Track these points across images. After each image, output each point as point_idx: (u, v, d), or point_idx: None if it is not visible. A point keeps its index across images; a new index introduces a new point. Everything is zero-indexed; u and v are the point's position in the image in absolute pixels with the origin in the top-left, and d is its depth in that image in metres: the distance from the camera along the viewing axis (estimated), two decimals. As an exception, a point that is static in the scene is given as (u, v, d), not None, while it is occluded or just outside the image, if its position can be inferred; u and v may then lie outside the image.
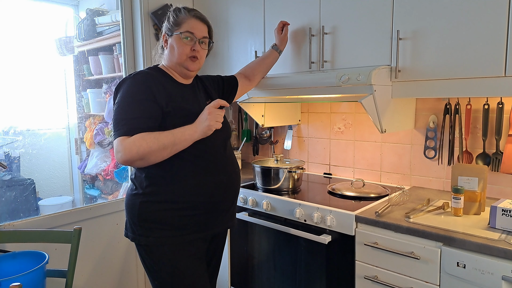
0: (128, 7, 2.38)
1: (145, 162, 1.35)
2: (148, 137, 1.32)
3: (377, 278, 1.58)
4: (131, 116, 1.35)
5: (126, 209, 1.50)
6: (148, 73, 1.47)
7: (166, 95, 1.43)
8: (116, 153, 1.34)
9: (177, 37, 1.50)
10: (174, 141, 1.35)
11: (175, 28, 1.51)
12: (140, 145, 1.31)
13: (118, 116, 1.36)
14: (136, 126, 1.34)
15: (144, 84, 1.41)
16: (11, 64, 2.86)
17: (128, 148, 1.31)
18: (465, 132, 1.86)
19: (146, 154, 1.32)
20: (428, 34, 1.61)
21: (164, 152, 1.35)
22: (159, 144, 1.33)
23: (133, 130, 1.33)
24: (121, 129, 1.34)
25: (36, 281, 1.56)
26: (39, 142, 3.03)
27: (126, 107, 1.37)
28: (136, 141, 1.31)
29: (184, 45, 1.50)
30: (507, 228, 1.38)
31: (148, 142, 1.31)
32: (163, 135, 1.35)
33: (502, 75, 1.44)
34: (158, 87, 1.43)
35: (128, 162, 1.34)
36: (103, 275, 2.32)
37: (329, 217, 1.69)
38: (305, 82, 1.89)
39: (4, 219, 2.12)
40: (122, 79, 1.46)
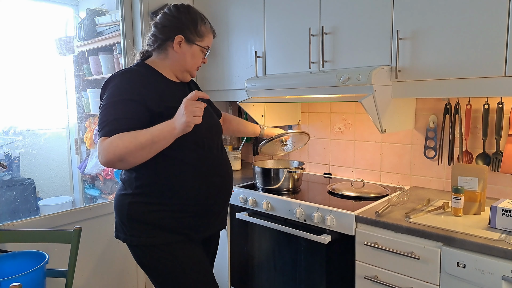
0: (128, 7, 2.38)
1: (125, 163, 1.27)
2: (125, 136, 1.24)
3: (377, 278, 1.58)
4: (113, 117, 1.28)
5: (115, 209, 1.47)
6: (137, 71, 1.40)
7: (157, 95, 1.37)
8: (98, 155, 1.28)
9: (198, 49, 1.47)
10: (152, 140, 1.25)
11: (198, 39, 1.46)
12: (116, 145, 1.23)
13: (102, 117, 1.30)
14: (117, 127, 1.26)
15: (131, 83, 1.34)
16: (11, 64, 2.86)
17: (106, 149, 1.24)
18: (465, 132, 1.86)
19: (124, 155, 1.24)
20: (428, 34, 1.61)
21: (143, 152, 1.26)
22: (136, 143, 1.24)
23: (113, 131, 1.26)
24: (102, 130, 1.28)
25: (36, 281, 1.56)
26: (39, 142, 3.03)
27: (110, 107, 1.31)
28: (113, 141, 1.24)
29: (199, 58, 1.49)
30: (507, 228, 1.38)
31: (124, 141, 1.23)
32: (141, 133, 1.26)
33: (502, 75, 1.44)
34: (147, 87, 1.36)
35: (108, 164, 1.27)
36: (103, 275, 2.32)
37: (329, 217, 1.69)
38: (305, 82, 1.89)
39: (4, 219, 2.12)
40: (109, 76, 1.39)
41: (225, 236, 2.21)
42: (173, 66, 1.48)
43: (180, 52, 1.45)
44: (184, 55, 1.46)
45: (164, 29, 1.45)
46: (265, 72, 2.24)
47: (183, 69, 1.49)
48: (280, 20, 2.13)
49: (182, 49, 1.45)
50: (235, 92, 2.43)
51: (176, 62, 1.47)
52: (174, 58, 1.46)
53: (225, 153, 1.58)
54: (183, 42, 1.44)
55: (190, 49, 1.46)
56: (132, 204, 1.40)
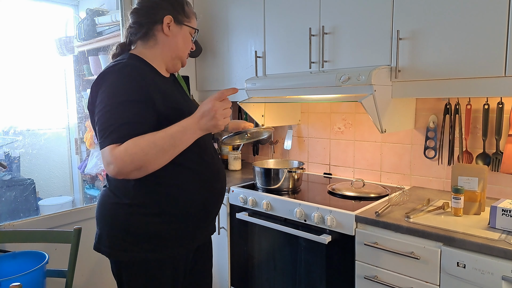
0: (128, 7, 2.38)
1: (142, 172, 1.13)
2: (142, 142, 1.11)
3: (377, 278, 1.58)
4: (121, 121, 1.13)
5: (102, 219, 1.29)
6: (135, 65, 1.23)
7: (162, 95, 1.23)
8: (106, 165, 1.12)
9: (187, 31, 1.35)
10: (175, 143, 1.14)
11: (186, 20, 1.34)
12: (134, 153, 1.09)
13: (106, 121, 1.14)
14: (127, 133, 1.12)
15: (134, 81, 1.18)
16: (11, 64, 2.86)
17: (121, 159, 1.09)
18: (465, 132, 1.86)
19: (144, 163, 1.11)
20: (428, 34, 1.61)
21: (164, 158, 1.14)
22: (157, 149, 1.11)
23: (124, 137, 1.11)
24: (110, 136, 1.12)
25: (36, 281, 1.56)
26: (39, 142, 3.03)
27: (115, 109, 1.14)
28: (128, 149, 1.09)
29: (189, 41, 1.37)
30: (507, 228, 1.38)
31: (143, 148, 1.10)
32: (159, 137, 1.13)
33: (502, 75, 1.44)
34: (151, 85, 1.21)
35: (120, 174, 1.11)
36: (102, 275, 2.32)
37: (329, 217, 1.69)
38: (305, 82, 1.89)
39: (4, 219, 2.12)
40: (103, 71, 1.21)
41: (225, 236, 2.21)
42: (164, 53, 1.33)
43: (171, 35, 1.32)
44: (175, 37, 1.33)
45: (150, 12, 1.31)
46: (265, 72, 2.25)
47: (174, 56, 1.35)
48: (280, 20, 2.13)
49: (172, 31, 1.32)
50: (235, 92, 2.43)
51: (168, 47, 1.33)
52: (165, 43, 1.32)
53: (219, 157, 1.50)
54: (172, 24, 1.31)
55: (180, 30, 1.33)
56: (131, 216, 1.25)
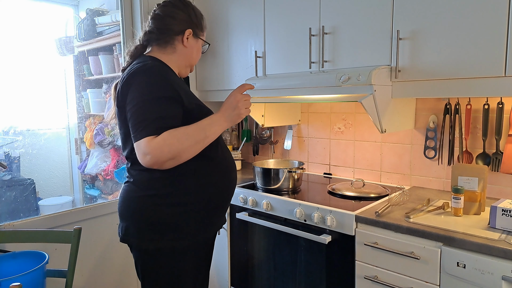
0: (128, 7, 2.38)
1: (176, 161, 1.25)
2: (177, 134, 1.23)
3: (377, 278, 1.58)
4: (156, 115, 1.23)
5: (129, 212, 1.37)
6: (161, 67, 1.35)
7: (185, 92, 1.34)
8: (142, 156, 1.22)
9: (201, 43, 1.51)
10: (206, 135, 1.29)
11: (201, 34, 1.49)
12: (171, 143, 1.21)
13: (140, 115, 1.23)
14: (163, 126, 1.23)
15: (164, 80, 1.29)
16: (11, 64, 2.86)
17: (159, 149, 1.20)
18: (465, 132, 1.86)
19: (179, 153, 1.23)
20: (428, 34, 1.61)
21: (196, 148, 1.28)
22: (191, 140, 1.25)
23: (160, 130, 1.22)
24: (146, 129, 1.21)
25: (36, 281, 1.56)
26: (39, 142, 3.03)
27: (147, 104, 1.24)
28: (166, 139, 1.21)
29: (200, 52, 1.53)
30: (507, 228, 1.38)
31: (179, 139, 1.22)
32: (192, 130, 1.27)
33: (502, 75, 1.44)
34: (177, 84, 1.33)
35: (158, 164, 1.22)
36: (103, 275, 2.32)
37: (329, 217, 1.69)
38: (305, 82, 1.89)
39: (4, 219, 2.12)
40: (132, 71, 1.30)
41: (225, 236, 2.21)
42: (180, 60, 1.46)
43: (188, 46, 1.45)
44: (191, 49, 1.46)
45: (172, 22, 1.42)
46: (265, 72, 2.25)
47: (187, 64, 1.49)
48: (280, 20, 2.13)
49: (190, 43, 1.45)
50: (235, 92, 2.43)
51: (183, 56, 1.46)
52: (182, 53, 1.45)
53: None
54: (190, 36, 1.44)
55: (196, 43, 1.48)
56: (158, 207, 1.33)
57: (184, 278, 1.41)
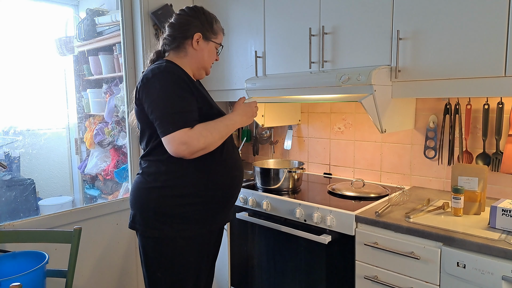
0: (128, 7, 2.38)
1: (205, 151, 1.40)
2: (209, 127, 1.40)
3: (377, 278, 1.58)
4: (183, 109, 1.37)
5: (137, 202, 1.50)
6: (175, 68, 1.47)
7: (198, 92, 1.47)
8: (178, 145, 1.34)
9: (213, 46, 1.59)
10: (227, 131, 1.46)
11: (213, 36, 1.58)
12: (206, 135, 1.37)
13: (166, 110, 1.36)
14: (193, 118, 1.39)
15: (181, 79, 1.42)
16: (11, 64, 2.86)
17: (196, 139, 1.35)
18: (465, 132, 1.86)
19: (210, 144, 1.39)
20: (428, 34, 1.61)
21: (221, 141, 1.45)
22: (219, 134, 1.42)
23: (190, 123, 1.36)
24: (178, 121, 1.35)
25: (36, 281, 1.56)
26: (39, 142, 3.03)
27: (171, 100, 1.37)
28: (202, 131, 1.37)
29: (214, 55, 1.61)
30: (507, 228, 1.38)
31: (212, 132, 1.39)
32: (219, 126, 1.43)
33: (502, 75, 1.44)
34: (191, 84, 1.45)
35: (191, 152, 1.36)
36: (103, 275, 2.32)
37: (329, 217, 1.69)
38: (305, 82, 1.89)
39: (4, 219, 2.12)
40: (150, 72, 1.43)
41: (225, 236, 2.21)
42: (192, 63, 1.56)
43: (198, 49, 1.55)
44: (202, 51, 1.55)
45: (183, 28, 1.53)
46: (265, 72, 2.25)
47: (200, 66, 1.58)
48: (280, 20, 2.13)
49: (200, 46, 1.55)
50: (235, 92, 2.43)
51: (195, 59, 1.56)
52: (193, 56, 1.55)
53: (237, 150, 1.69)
54: (200, 40, 1.54)
55: (207, 46, 1.56)
56: (161, 198, 1.45)
57: (186, 268, 1.51)
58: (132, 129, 2.47)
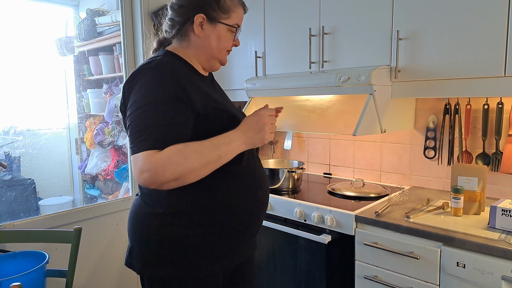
0: (128, 7, 2.38)
1: (179, 183, 1.02)
2: (187, 151, 1.00)
3: (377, 278, 1.58)
4: (160, 123, 1.01)
5: (134, 231, 1.17)
6: (172, 62, 1.12)
7: (200, 93, 1.11)
8: (139, 172, 0.98)
9: (224, 29, 1.19)
10: (220, 155, 1.05)
11: (223, 16, 1.18)
12: (178, 163, 0.98)
13: (141, 123, 1.01)
14: (168, 137, 1.00)
15: (173, 79, 1.06)
16: (11, 64, 2.86)
17: (161, 167, 0.97)
18: (465, 132, 1.86)
19: (186, 173, 1.00)
20: (428, 34, 1.61)
21: (207, 169, 1.04)
22: (202, 160, 1.01)
23: (164, 142, 0.99)
24: (147, 140, 0.99)
25: (36, 281, 1.57)
26: (39, 142, 3.04)
27: (151, 110, 1.02)
28: (172, 157, 0.98)
29: (229, 40, 1.22)
30: (507, 228, 1.38)
31: (188, 159, 0.99)
32: (205, 147, 1.03)
33: (502, 75, 1.44)
34: (189, 82, 1.09)
35: (156, 184, 0.99)
36: (103, 275, 2.32)
37: (329, 217, 1.69)
38: (305, 82, 1.89)
39: (4, 219, 2.12)
40: (137, 69, 1.09)
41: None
42: (198, 54, 1.21)
43: (203, 35, 1.18)
44: (208, 38, 1.18)
45: (181, 10, 1.18)
46: (265, 72, 2.25)
47: (209, 57, 1.22)
48: (280, 20, 2.13)
49: (205, 32, 1.18)
50: (235, 92, 2.43)
51: (201, 48, 1.20)
52: (198, 45, 1.19)
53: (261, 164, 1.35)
54: (205, 23, 1.17)
55: (214, 29, 1.18)
56: (165, 227, 1.12)
57: None
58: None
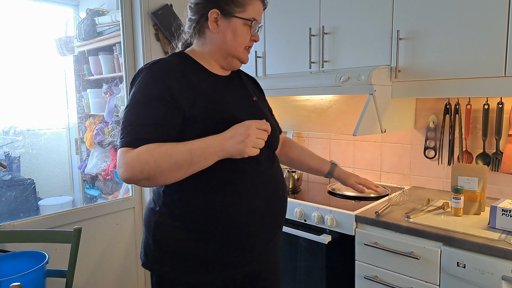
0: (128, 7, 2.38)
1: (152, 183, 1.02)
2: (157, 152, 0.99)
3: (377, 278, 1.58)
4: (139, 122, 1.03)
5: (143, 223, 1.21)
6: (168, 62, 1.12)
7: (192, 93, 1.09)
8: (117, 168, 1.03)
9: (240, 23, 1.15)
10: (191, 160, 1.01)
11: (237, 10, 1.14)
12: (146, 162, 0.98)
13: (125, 120, 1.05)
14: (143, 136, 1.02)
15: (161, 79, 1.07)
16: (11, 64, 2.86)
17: (130, 165, 0.99)
18: (465, 132, 1.86)
19: (154, 175, 1.00)
20: (428, 34, 1.61)
21: (178, 173, 1.02)
22: (171, 162, 1.00)
23: (138, 141, 1.01)
24: (125, 137, 1.02)
25: (36, 281, 1.56)
26: (39, 142, 3.03)
27: (134, 108, 1.05)
28: (141, 156, 0.99)
29: (246, 35, 1.17)
30: (507, 228, 1.38)
31: (156, 159, 0.99)
32: (177, 150, 1.01)
33: (502, 75, 1.44)
34: (180, 82, 1.08)
35: (129, 181, 1.01)
36: (103, 275, 2.32)
37: (329, 217, 1.69)
38: (305, 82, 1.89)
39: (4, 219, 2.12)
40: (139, 69, 1.13)
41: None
42: (214, 52, 1.18)
43: (218, 31, 1.15)
44: (223, 34, 1.15)
45: (197, 7, 1.16)
46: (265, 72, 2.25)
47: (225, 54, 1.18)
48: (280, 20, 2.13)
49: (220, 27, 1.15)
50: (235, 92, 2.43)
51: (215, 45, 1.17)
52: (213, 41, 1.17)
53: (278, 169, 1.26)
54: (219, 18, 1.14)
55: (229, 24, 1.14)
56: (159, 225, 1.13)
57: None
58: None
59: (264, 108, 1.30)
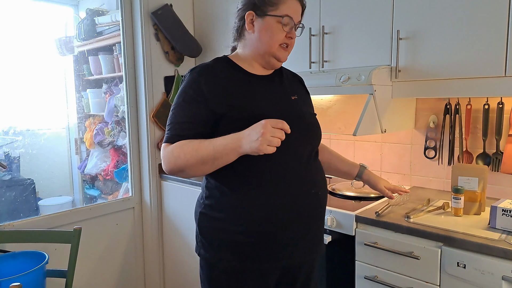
0: (128, 7, 2.38)
1: (186, 174, 1.17)
2: (187, 148, 1.12)
3: (377, 278, 1.58)
4: (177, 120, 1.17)
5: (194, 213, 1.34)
6: (206, 66, 1.22)
7: (221, 93, 1.18)
8: (162, 161, 1.19)
9: (273, 21, 1.19)
10: (214, 155, 1.10)
11: (270, 9, 1.19)
12: (178, 156, 1.13)
13: (168, 119, 1.21)
14: (180, 133, 1.16)
15: (198, 81, 1.18)
16: (11, 64, 2.86)
17: (167, 158, 1.15)
18: (465, 132, 1.86)
19: (184, 167, 1.13)
20: (428, 34, 1.61)
21: (204, 167, 1.13)
22: (198, 157, 1.11)
23: (175, 137, 1.16)
24: (167, 134, 1.18)
25: (36, 281, 1.57)
26: (39, 142, 3.04)
27: (175, 109, 1.20)
28: (174, 151, 1.14)
29: (279, 32, 1.20)
30: (507, 228, 1.38)
31: (186, 154, 1.12)
32: (203, 146, 1.11)
33: (502, 75, 1.44)
34: (211, 84, 1.18)
35: (169, 173, 1.18)
36: (103, 275, 2.32)
37: (329, 217, 1.69)
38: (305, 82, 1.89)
39: (4, 219, 2.12)
40: (186, 73, 1.25)
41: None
42: (254, 53, 1.24)
43: (254, 31, 1.22)
44: (259, 33, 1.21)
45: (238, 12, 1.25)
46: (265, 72, 2.24)
47: (262, 53, 1.23)
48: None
49: (256, 27, 1.21)
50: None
51: (253, 45, 1.23)
52: (251, 42, 1.23)
53: (317, 165, 1.30)
54: (255, 19, 1.21)
55: (263, 23, 1.20)
56: (202, 215, 1.26)
57: None
58: (132, 129, 2.47)
59: (304, 107, 1.34)
